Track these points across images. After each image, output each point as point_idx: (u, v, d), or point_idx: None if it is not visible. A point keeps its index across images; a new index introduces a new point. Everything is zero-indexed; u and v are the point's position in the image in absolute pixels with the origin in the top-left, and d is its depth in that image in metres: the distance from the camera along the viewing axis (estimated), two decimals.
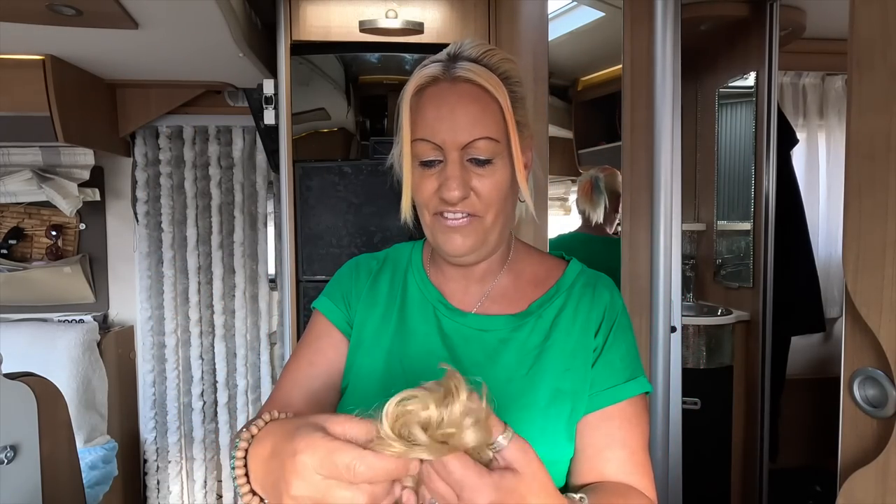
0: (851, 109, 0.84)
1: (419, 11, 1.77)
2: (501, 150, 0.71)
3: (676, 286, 1.49)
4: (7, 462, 1.31)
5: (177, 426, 2.48)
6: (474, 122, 0.69)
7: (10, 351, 1.56)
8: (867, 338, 0.83)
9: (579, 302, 0.77)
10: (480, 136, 0.69)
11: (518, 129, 0.72)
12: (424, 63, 0.74)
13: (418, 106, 0.71)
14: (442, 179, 0.70)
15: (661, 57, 1.44)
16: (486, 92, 0.70)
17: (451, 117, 0.69)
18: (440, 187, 0.70)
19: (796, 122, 2.69)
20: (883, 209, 0.79)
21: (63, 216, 2.35)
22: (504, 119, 0.71)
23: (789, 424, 2.53)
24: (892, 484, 0.79)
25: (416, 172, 0.72)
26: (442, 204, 0.71)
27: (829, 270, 2.72)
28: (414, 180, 0.73)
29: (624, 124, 1.53)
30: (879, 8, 0.79)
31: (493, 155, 0.70)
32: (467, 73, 0.70)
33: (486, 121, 0.69)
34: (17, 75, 1.80)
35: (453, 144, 0.69)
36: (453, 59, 0.72)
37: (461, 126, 0.69)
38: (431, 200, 0.71)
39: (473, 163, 0.70)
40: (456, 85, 0.70)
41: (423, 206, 0.73)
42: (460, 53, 0.72)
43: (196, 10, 1.42)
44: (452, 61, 0.72)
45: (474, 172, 0.70)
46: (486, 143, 0.69)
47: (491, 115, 0.70)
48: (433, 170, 0.71)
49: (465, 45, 0.73)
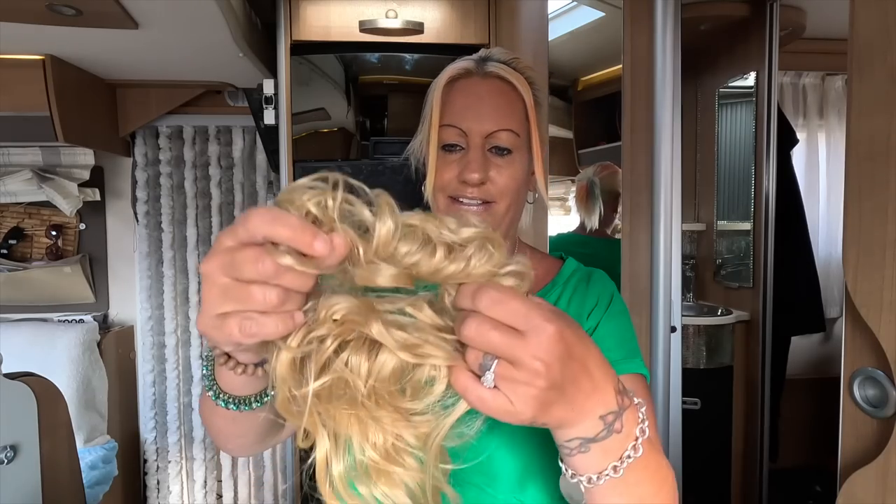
0: (851, 110, 0.84)
1: (419, 11, 1.77)
2: (521, 144, 0.76)
3: (676, 286, 1.49)
4: (7, 462, 1.32)
5: (177, 426, 2.48)
6: (500, 113, 0.74)
7: (10, 351, 1.56)
8: (867, 338, 0.83)
9: (573, 293, 0.79)
10: (504, 127, 0.74)
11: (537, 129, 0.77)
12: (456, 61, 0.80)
13: (449, 95, 0.76)
14: (463, 164, 0.73)
15: (661, 57, 1.44)
16: (513, 89, 0.76)
17: (478, 106, 0.74)
18: (461, 171, 0.73)
19: (796, 122, 2.69)
20: (883, 209, 0.79)
21: (63, 216, 2.35)
22: (527, 118, 0.76)
23: (789, 424, 2.53)
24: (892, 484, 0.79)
25: (438, 157, 0.76)
26: (460, 187, 0.74)
27: (829, 270, 2.72)
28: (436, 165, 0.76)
29: (624, 124, 1.53)
30: (879, 8, 0.79)
31: (514, 147, 0.75)
32: (498, 69, 0.76)
33: (510, 114, 0.75)
34: (17, 75, 1.80)
35: (478, 132, 0.74)
36: (484, 60, 0.78)
37: (487, 116, 0.74)
38: (451, 184, 0.75)
39: (494, 152, 0.74)
40: (486, 79, 0.76)
41: (441, 189, 0.76)
42: (491, 56, 0.78)
43: (196, 10, 1.42)
44: (484, 61, 0.77)
45: (493, 162, 0.74)
46: (508, 134, 0.74)
47: (515, 111, 0.75)
48: (454, 155, 0.75)
49: (496, 50, 0.80)
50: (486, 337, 0.38)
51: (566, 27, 1.93)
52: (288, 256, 0.37)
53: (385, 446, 0.42)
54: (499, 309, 0.38)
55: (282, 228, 0.36)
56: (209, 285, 0.39)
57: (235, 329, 0.38)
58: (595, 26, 1.90)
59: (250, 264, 0.37)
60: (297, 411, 0.40)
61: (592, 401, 0.42)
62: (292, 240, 0.36)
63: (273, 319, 0.38)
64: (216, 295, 0.39)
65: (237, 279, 0.38)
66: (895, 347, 0.78)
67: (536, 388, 0.39)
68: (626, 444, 0.44)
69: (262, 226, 0.37)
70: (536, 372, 0.39)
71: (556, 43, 1.86)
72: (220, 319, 0.39)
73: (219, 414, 0.56)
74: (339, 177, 0.39)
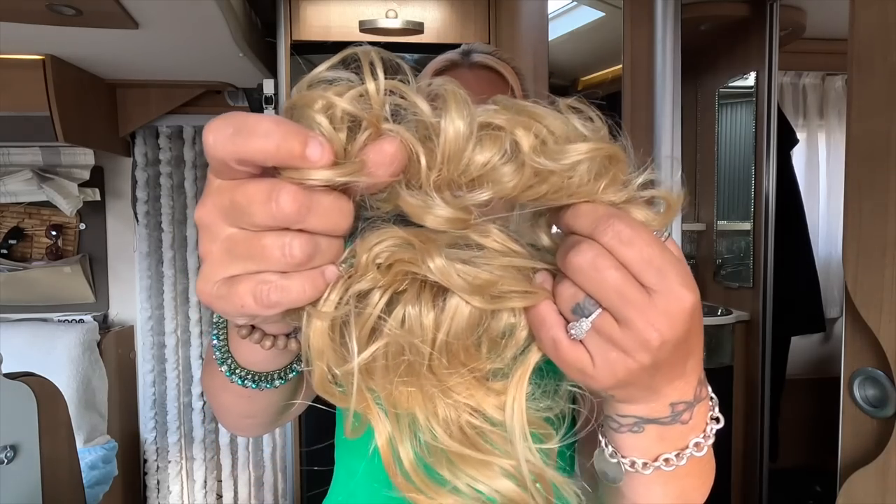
0: (851, 110, 0.84)
1: (419, 11, 1.77)
2: None
3: None
4: (7, 462, 1.31)
5: (177, 426, 2.48)
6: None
7: (10, 351, 1.56)
8: (867, 338, 0.83)
9: None
10: None
11: None
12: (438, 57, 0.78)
13: None
14: None
15: (661, 57, 1.44)
16: (502, 79, 0.74)
17: None
18: None
19: (796, 122, 2.69)
20: (883, 209, 0.79)
21: (63, 216, 2.35)
22: None
23: (789, 424, 2.53)
24: (892, 484, 0.79)
25: None
26: None
27: (829, 270, 2.72)
28: None
29: (624, 124, 1.53)
30: (879, 8, 0.79)
31: None
32: (485, 59, 0.75)
33: None
34: (17, 75, 1.80)
35: None
36: (468, 52, 0.77)
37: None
38: None
39: None
40: (473, 70, 0.75)
41: None
42: (474, 48, 0.77)
43: (196, 10, 1.42)
44: (468, 53, 0.76)
45: None
46: None
47: None
48: None
49: (477, 44, 0.79)
50: (603, 275, 0.29)
51: (566, 27, 1.93)
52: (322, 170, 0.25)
53: (460, 423, 0.32)
54: (627, 250, 0.29)
55: (252, 140, 0.25)
56: (208, 238, 0.29)
57: (248, 297, 0.28)
58: (595, 26, 1.90)
59: (259, 205, 0.26)
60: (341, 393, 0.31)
61: (672, 387, 0.34)
62: (274, 155, 0.25)
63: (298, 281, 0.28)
64: (219, 252, 0.28)
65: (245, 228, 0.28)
66: (895, 347, 0.78)
67: (637, 362, 0.31)
68: (689, 439, 0.36)
69: (222, 146, 0.26)
70: (647, 344, 0.30)
71: (556, 43, 1.86)
72: (228, 285, 0.28)
73: (231, 390, 0.44)
74: (374, 53, 0.28)
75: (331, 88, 0.27)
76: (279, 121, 0.26)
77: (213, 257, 0.29)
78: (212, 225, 0.28)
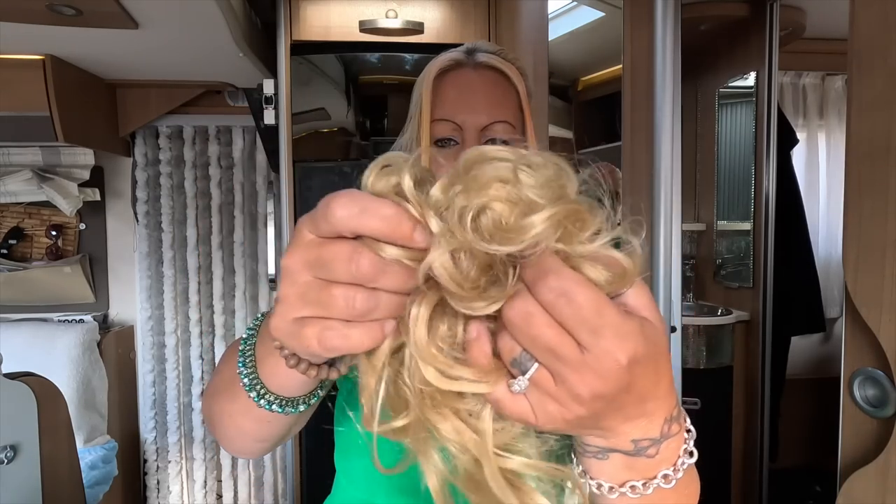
0: (851, 109, 0.84)
1: (419, 11, 1.77)
2: (516, 136, 0.73)
3: (676, 286, 1.49)
4: (7, 462, 1.31)
5: (177, 426, 2.48)
6: (495, 105, 0.71)
7: (10, 351, 1.56)
8: (867, 338, 0.83)
9: None
10: (500, 118, 0.71)
11: None
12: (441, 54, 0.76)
13: (439, 88, 0.73)
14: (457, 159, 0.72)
15: (661, 57, 1.44)
16: (506, 79, 0.73)
17: (472, 98, 0.71)
18: None
19: (796, 122, 2.69)
20: (883, 209, 0.79)
21: (63, 216, 2.35)
22: (521, 108, 0.74)
23: (789, 424, 2.53)
24: (892, 484, 0.79)
25: (431, 154, 0.73)
26: None
27: (829, 270, 2.72)
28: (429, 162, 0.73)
29: (624, 124, 1.53)
30: (879, 8, 0.79)
31: (510, 140, 0.72)
32: (490, 59, 0.74)
33: (505, 106, 0.72)
34: (17, 75, 1.80)
35: (473, 125, 0.71)
36: (473, 51, 0.75)
37: (482, 108, 0.71)
38: None
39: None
40: (478, 70, 0.73)
41: None
42: (478, 48, 0.76)
43: (196, 10, 1.42)
44: (472, 52, 0.75)
45: None
46: (504, 126, 0.71)
47: (510, 102, 0.73)
48: (449, 150, 0.72)
49: (481, 42, 0.77)
50: (535, 332, 0.30)
51: (566, 27, 1.93)
52: (393, 247, 0.30)
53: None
54: (564, 309, 0.29)
55: (373, 221, 0.30)
56: (289, 283, 0.32)
57: (314, 340, 0.32)
58: (595, 26, 1.90)
59: (342, 262, 0.30)
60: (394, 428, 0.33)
61: (631, 425, 0.34)
62: (388, 234, 0.30)
63: (358, 330, 0.31)
64: (295, 295, 0.32)
65: (323, 279, 0.31)
66: (895, 347, 0.78)
67: (573, 414, 0.32)
68: (658, 470, 0.36)
69: (348, 220, 0.30)
70: (579, 398, 0.31)
71: (556, 43, 1.86)
72: (297, 325, 0.32)
73: (254, 416, 0.46)
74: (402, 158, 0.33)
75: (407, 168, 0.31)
76: (394, 206, 0.30)
77: (290, 300, 0.33)
78: (295, 273, 0.32)
